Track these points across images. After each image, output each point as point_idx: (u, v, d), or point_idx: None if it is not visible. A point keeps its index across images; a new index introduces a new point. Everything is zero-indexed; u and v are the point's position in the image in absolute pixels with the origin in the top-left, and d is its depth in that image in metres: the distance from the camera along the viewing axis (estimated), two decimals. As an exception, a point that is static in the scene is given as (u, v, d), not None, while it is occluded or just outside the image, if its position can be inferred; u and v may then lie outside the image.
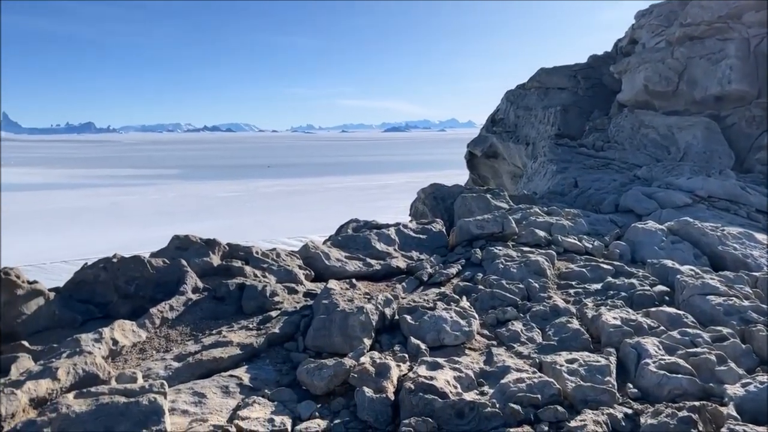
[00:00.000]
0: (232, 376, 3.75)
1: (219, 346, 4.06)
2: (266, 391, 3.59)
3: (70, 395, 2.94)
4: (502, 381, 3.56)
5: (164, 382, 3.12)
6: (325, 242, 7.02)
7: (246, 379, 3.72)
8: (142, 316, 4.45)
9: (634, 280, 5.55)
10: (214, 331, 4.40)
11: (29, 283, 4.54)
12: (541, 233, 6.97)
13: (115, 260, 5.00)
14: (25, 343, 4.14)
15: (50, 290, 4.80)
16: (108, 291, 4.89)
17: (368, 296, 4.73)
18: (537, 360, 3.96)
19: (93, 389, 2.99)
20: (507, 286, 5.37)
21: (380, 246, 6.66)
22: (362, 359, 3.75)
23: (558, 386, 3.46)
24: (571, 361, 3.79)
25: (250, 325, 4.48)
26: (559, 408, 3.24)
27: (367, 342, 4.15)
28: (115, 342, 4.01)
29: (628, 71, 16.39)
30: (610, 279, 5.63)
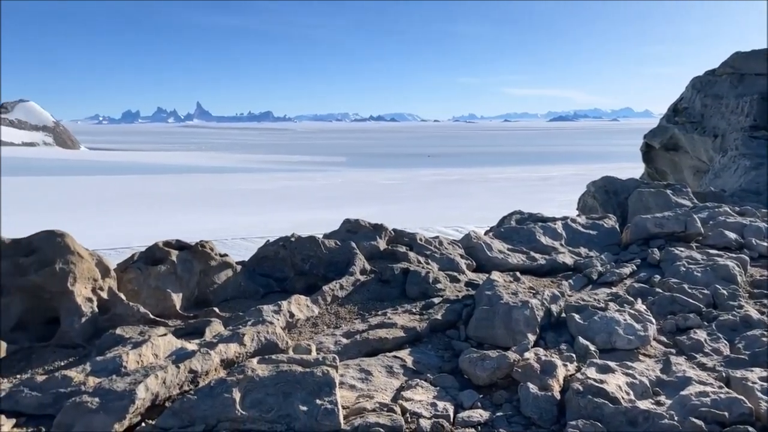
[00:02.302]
0: (396, 357, 3.86)
1: (384, 327, 4.20)
2: (428, 375, 3.65)
3: (254, 360, 3.22)
4: (682, 393, 3.26)
5: (335, 356, 3.29)
6: (486, 233, 6.95)
7: (409, 362, 3.81)
8: (315, 292, 4.75)
9: None
10: (379, 312, 4.57)
11: (221, 256, 5.06)
12: (732, 235, 6.26)
13: (293, 239, 5.38)
14: (216, 309, 4.63)
15: (237, 263, 5.31)
16: (286, 267, 5.29)
17: (533, 291, 4.59)
18: (723, 374, 3.57)
19: (274, 356, 3.25)
20: (689, 291, 4.90)
21: (545, 240, 6.43)
22: (526, 354, 3.65)
23: (749, 405, 3.09)
24: (765, 379, 3.37)
25: (414, 310, 4.58)
26: (750, 429, 2.90)
27: (531, 337, 4.03)
28: (292, 315, 4.33)
29: None
30: (818, 292, 4.90)
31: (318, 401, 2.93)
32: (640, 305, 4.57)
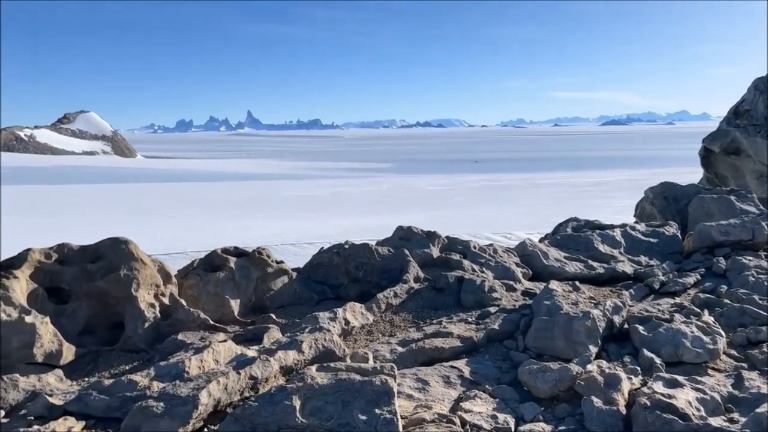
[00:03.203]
0: (453, 367, 3.81)
1: (440, 336, 4.16)
2: (487, 386, 3.59)
3: (313, 367, 3.23)
4: (758, 410, 3.09)
5: (393, 365, 3.27)
6: (542, 240, 6.81)
7: (466, 372, 3.76)
8: (370, 300, 4.75)
9: None
10: (434, 321, 4.53)
11: (277, 262, 5.12)
12: (804, 244, 5.94)
13: (346, 246, 5.40)
14: (273, 315, 4.68)
15: (292, 270, 5.37)
16: (340, 274, 5.31)
17: (594, 301, 4.46)
18: (803, 392, 3.38)
19: (332, 364, 3.25)
20: (760, 302, 4.67)
21: (603, 248, 6.26)
22: (589, 367, 3.55)
23: (835, 427, 2.90)
24: None
25: (469, 319, 4.52)
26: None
27: (593, 349, 3.92)
28: (347, 322, 4.34)
29: None
30: None
31: (377, 410, 2.91)
32: (707, 317, 4.38)
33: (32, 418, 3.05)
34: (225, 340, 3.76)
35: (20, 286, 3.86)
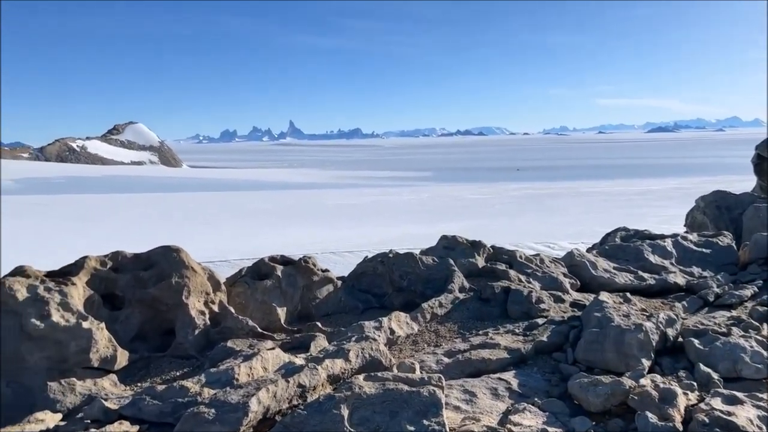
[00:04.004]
0: (500, 379, 3.76)
1: (487, 347, 4.11)
2: (536, 399, 3.52)
3: (361, 377, 3.23)
4: (824, 431, 2.95)
5: (441, 376, 3.25)
6: (589, 250, 6.68)
7: (514, 384, 3.70)
8: (415, 309, 4.73)
9: None
10: (480, 332, 4.48)
11: (322, 271, 5.16)
12: None
13: (391, 255, 5.40)
14: (319, 324, 4.71)
15: (337, 278, 5.40)
16: (384, 283, 5.32)
17: (646, 313, 4.34)
18: None
19: (379, 374, 3.24)
20: (824, 316, 4.46)
21: (654, 258, 6.09)
22: (642, 381, 3.44)
23: None
24: None
25: (516, 330, 4.45)
26: None
27: (646, 363, 3.81)
28: (392, 332, 4.33)
29: None
30: None
31: (425, 421, 2.89)
32: (767, 331, 4.21)
33: (89, 421, 3.14)
34: (273, 348, 3.81)
35: (78, 293, 3.99)
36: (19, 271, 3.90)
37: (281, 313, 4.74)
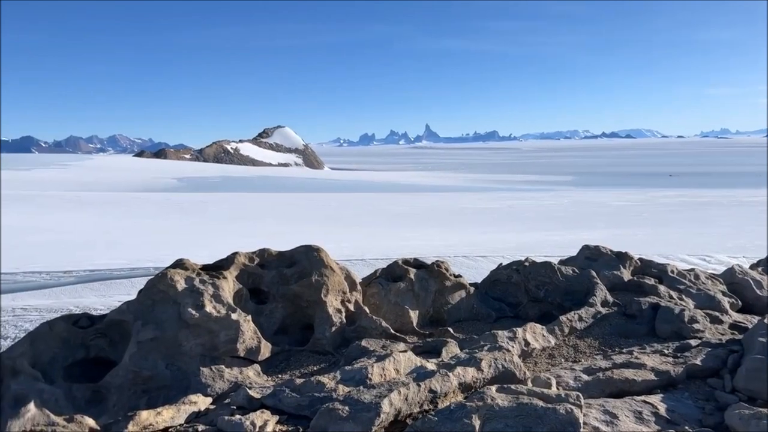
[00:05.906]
0: (645, 402, 3.48)
1: (631, 367, 3.84)
2: (686, 428, 3.22)
3: (493, 388, 3.15)
4: None
5: (580, 394, 3.08)
6: (753, 267, 6.00)
7: (662, 409, 3.40)
8: (552, 322, 4.54)
9: None
10: (624, 350, 4.19)
11: (455, 276, 5.12)
12: None
13: (527, 264, 5.23)
14: (450, 329, 4.68)
15: (470, 284, 5.33)
16: (519, 292, 5.16)
17: (825, 342, 3.80)
18: None
19: (513, 387, 3.15)
20: None
21: (836, 279, 5.32)
22: (819, 420, 3.01)
23: None
24: None
25: (665, 351, 4.11)
26: None
27: (824, 399, 3.33)
28: (527, 343, 4.19)
29: None
30: None
31: (561, 441, 2.75)
32: None
33: (234, 407, 3.37)
34: (405, 351, 3.84)
35: (228, 286, 4.31)
36: (179, 264, 4.29)
37: (413, 315, 4.77)
